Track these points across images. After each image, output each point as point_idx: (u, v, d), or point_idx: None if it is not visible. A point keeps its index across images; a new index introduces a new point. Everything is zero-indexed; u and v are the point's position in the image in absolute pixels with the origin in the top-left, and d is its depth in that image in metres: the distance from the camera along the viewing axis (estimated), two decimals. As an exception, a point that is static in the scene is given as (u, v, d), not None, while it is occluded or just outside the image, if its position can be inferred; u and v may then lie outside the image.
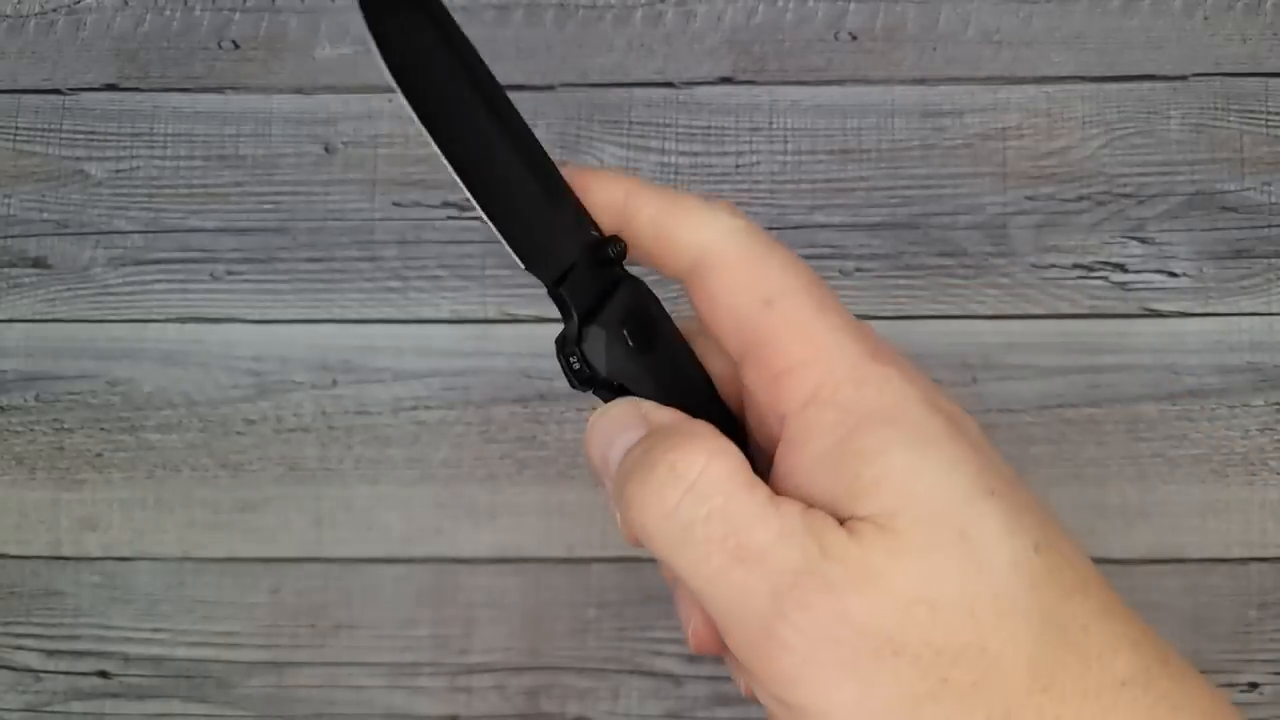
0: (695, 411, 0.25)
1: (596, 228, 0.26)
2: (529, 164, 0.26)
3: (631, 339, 0.25)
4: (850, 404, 0.22)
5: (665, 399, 0.25)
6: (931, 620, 0.20)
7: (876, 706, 0.20)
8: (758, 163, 0.47)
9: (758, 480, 0.22)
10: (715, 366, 0.27)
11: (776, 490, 0.22)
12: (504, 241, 0.26)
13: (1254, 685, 0.44)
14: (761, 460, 0.24)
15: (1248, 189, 0.46)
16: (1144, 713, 0.20)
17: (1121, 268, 0.46)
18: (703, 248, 0.24)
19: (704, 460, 0.22)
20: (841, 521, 0.21)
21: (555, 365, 0.47)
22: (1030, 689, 0.20)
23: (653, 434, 0.23)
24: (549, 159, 0.26)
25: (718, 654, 0.27)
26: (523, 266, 0.26)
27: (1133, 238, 0.46)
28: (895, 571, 0.20)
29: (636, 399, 0.24)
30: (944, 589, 0.20)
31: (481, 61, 0.26)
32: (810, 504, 0.22)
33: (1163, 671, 0.21)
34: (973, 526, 0.20)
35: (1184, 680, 0.21)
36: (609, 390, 0.25)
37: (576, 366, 0.25)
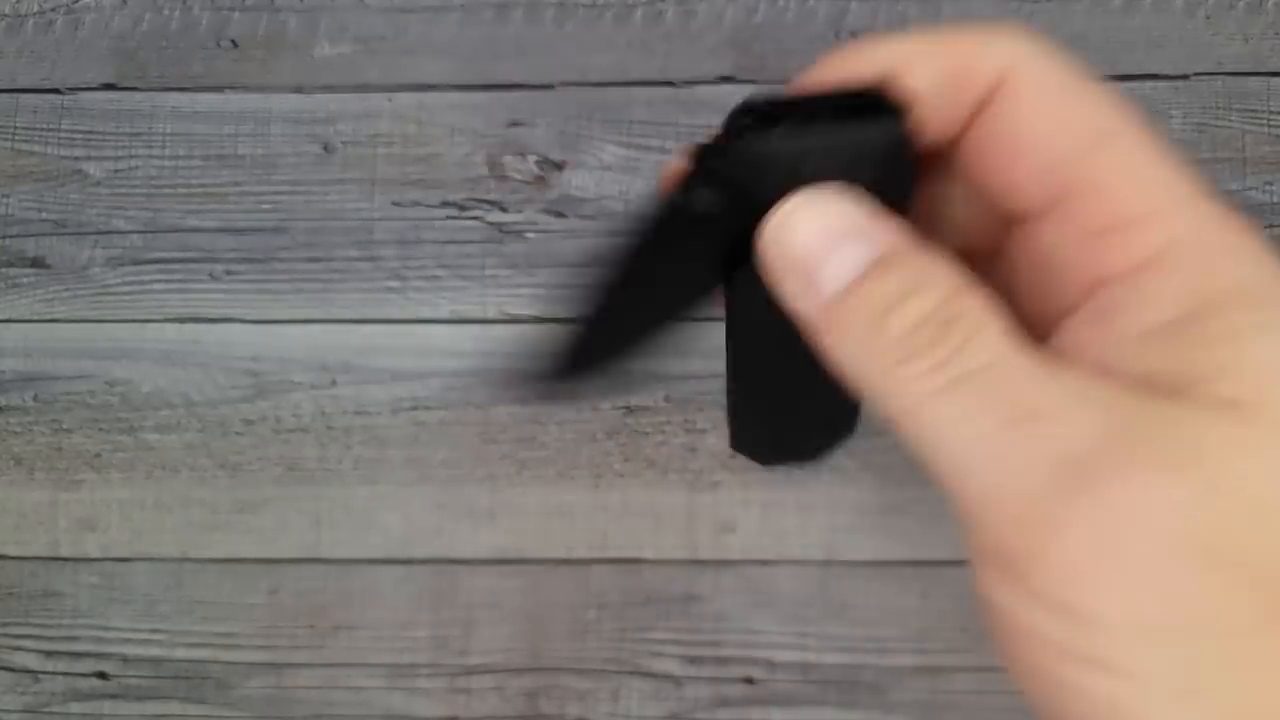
0: None
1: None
2: None
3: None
4: (1201, 274, 0.18)
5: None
6: (1277, 537, 0.16)
7: (1184, 628, 0.16)
8: (758, 162, 0.47)
9: (1030, 341, 0.18)
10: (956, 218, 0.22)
11: (1092, 363, 0.18)
12: None
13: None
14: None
15: (1250, 188, 0.46)
16: None
17: (1123, 268, 0.46)
18: (1004, 70, 0.19)
19: (978, 315, 0.18)
20: (1166, 399, 0.17)
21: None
22: None
23: (898, 262, 0.18)
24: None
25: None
26: None
27: (1134, 238, 0.46)
28: (1244, 467, 0.16)
29: (853, 193, 0.19)
30: None
31: None
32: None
33: None
34: None
35: None
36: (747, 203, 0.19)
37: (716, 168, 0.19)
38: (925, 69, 0.19)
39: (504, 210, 0.47)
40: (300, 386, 0.47)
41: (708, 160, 0.19)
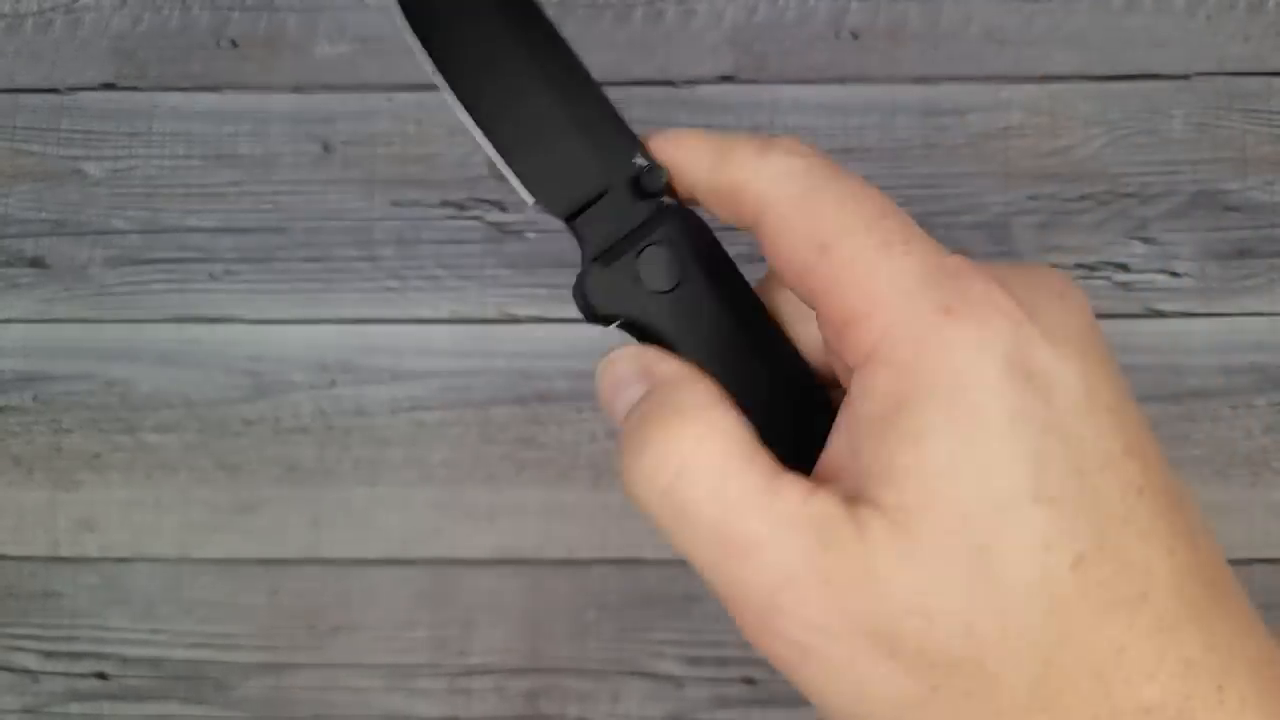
0: (730, 356, 0.23)
1: (645, 154, 0.24)
2: (553, 86, 0.24)
3: (651, 276, 0.23)
4: (907, 367, 0.19)
5: (690, 343, 0.23)
6: (927, 630, 0.19)
7: (870, 704, 0.19)
8: (758, 162, 0.47)
9: (758, 455, 0.20)
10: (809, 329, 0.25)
11: (831, 446, 0.21)
12: (508, 173, 0.24)
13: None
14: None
15: (1251, 188, 0.46)
16: None
17: (1124, 267, 0.46)
18: (758, 197, 0.22)
19: (695, 438, 0.20)
20: (854, 504, 0.20)
21: (555, 366, 0.47)
22: (1029, 707, 0.19)
23: (649, 399, 0.22)
24: (589, 85, 0.25)
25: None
26: (530, 202, 0.24)
27: (1135, 237, 0.46)
28: (897, 576, 0.19)
29: (642, 349, 0.23)
30: (944, 603, 0.19)
31: None
32: (848, 472, 0.20)
33: (1213, 699, 0.19)
34: (998, 539, 0.19)
35: (1240, 710, 0.19)
36: (632, 329, 0.24)
37: (580, 304, 0.23)
38: (702, 176, 0.23)
39: (503, 210, 0.47)
40: (300, 386, 0.47)
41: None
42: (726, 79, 0.47)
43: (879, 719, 0.19)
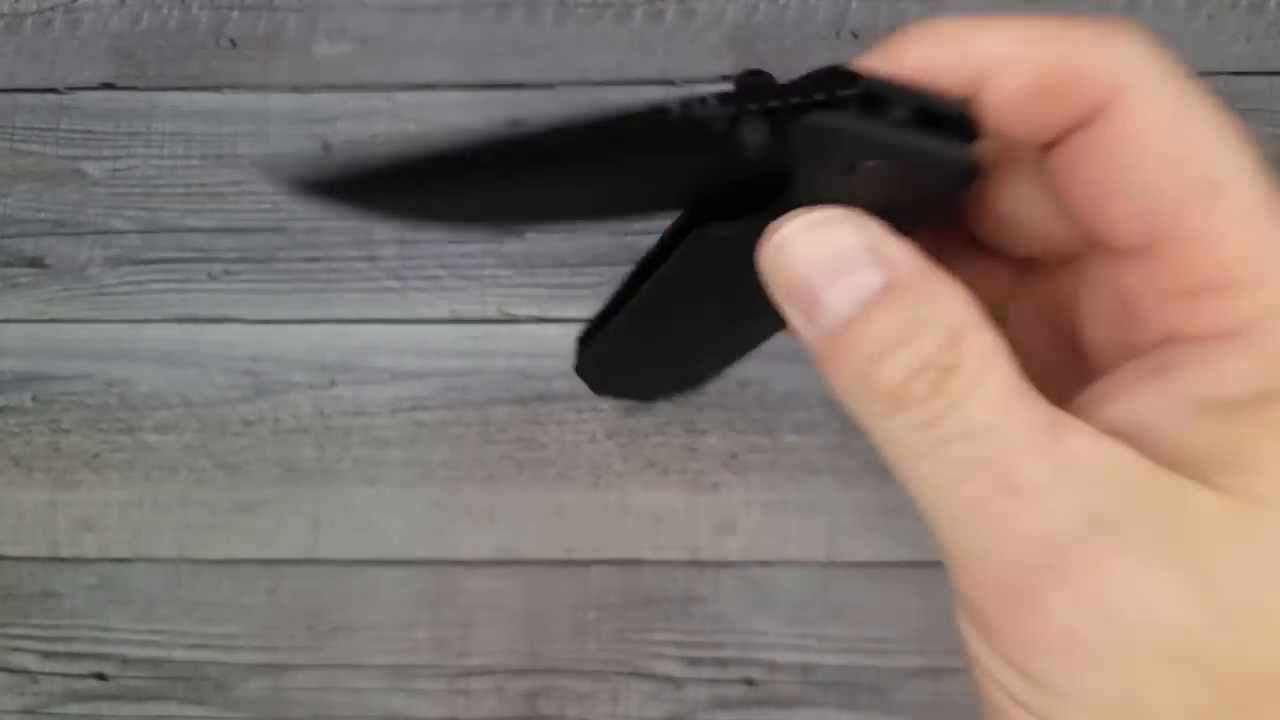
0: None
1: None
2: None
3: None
4: None
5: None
6: (1250, 636, 0.16)
7: (1143, 709, 0.16)
8: (759, 162, 0.47)
9: (1035, 392, 0.17)
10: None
11: (1127, 402, 0.17)
12: None
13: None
14: (1035, 363, 0.18)
15: (1252, 188, 0.46)
16: None
17: (1125, 268, 0.46)
18: (1114, 87, 0.17)
19: (978, 364, 0.16)
20: (1183, 475, 0.16)
21: (554, 365, 0.47)
22: None
23: (904, 296, 0.17)
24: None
25: None
26: None
27: (1136, 237, 0.46)
28: (1230, 564, 0.15)
29: (862, 217, 0.17)
30: (1276, 606, 0.16)
31: None
32: (1147, 437, 0.17)
33: None
34: None
35: None
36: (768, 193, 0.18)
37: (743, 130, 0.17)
38: (1024, 68, 0.17)
39: (503, 210, 0.47)
40: (299, 386, 0.47)
41: (776, 102, 0.17)
42: (726, 78, 0.47)
43: None
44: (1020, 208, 0.20)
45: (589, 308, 0.26)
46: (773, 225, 0.17)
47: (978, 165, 0.17)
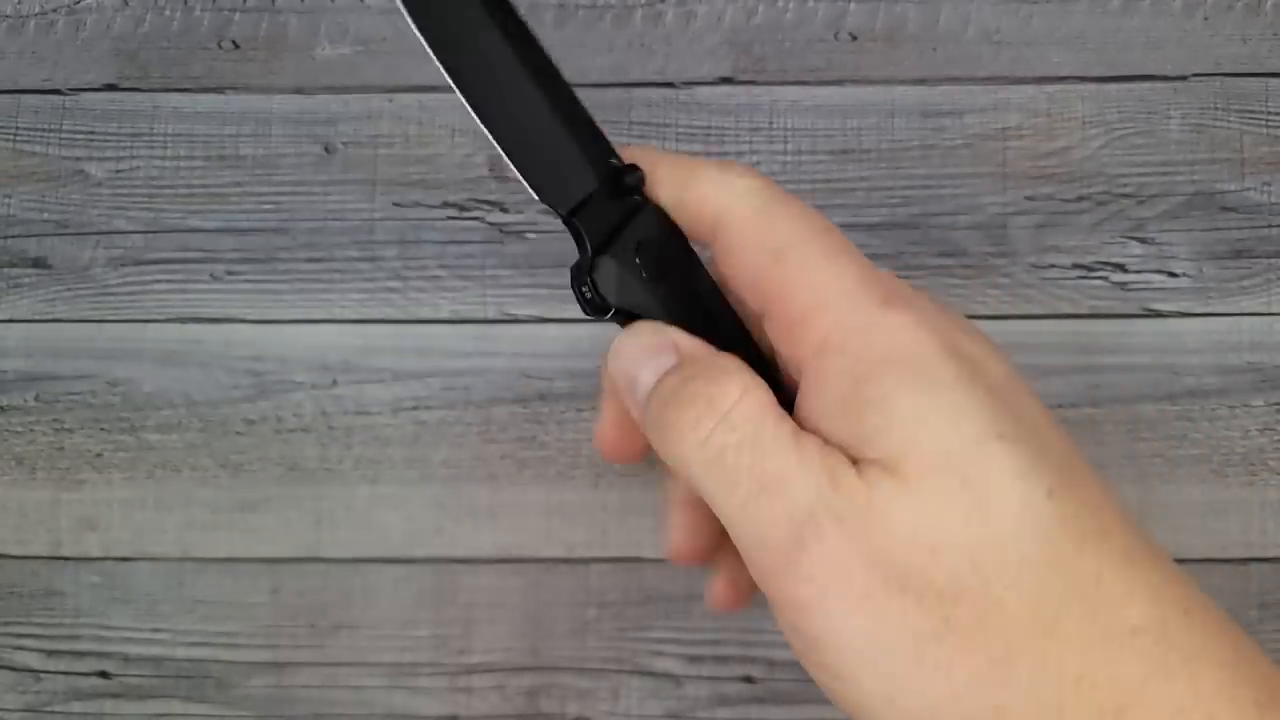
0: (716, 342, 0.25)
1: (617, 157, 0.27)
2: (546, 94, 0.27)
3: (645, 268, 0.25)
4: (859, 351, 0.22)
5: (685, 328, 0.25)
6: (933, 562, 0.20)
7: (884, 640, 0.21)
8: (758, 163, 0.47)
9: (785, 415, 0.23)
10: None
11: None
12: (517, 173, 0.27)
13: (1254, 685, 0.44)
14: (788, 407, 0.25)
15: (1248, 189, 0.46)
16: (1152, 662, 0.20)
17: (1121, 268, 0.46)
18: (718, 211, 0.25)
19: (738, 393, 0.23)
20: (854, 464, 0.22)
21: (555, 365, 0.47)
22: (1032, 632, 0.20)
23: (687, 364, 0.24)
24: (568, 89, 0.28)
25: (694, 563, 0.31)
26: (536, 198, 0.26)
27: (1132, 238, 0.46)
28: (899, 512, 0.21)
29: (662, 324, 0.25)
30: (945, 533, 0.21)
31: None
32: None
33: (1182, 622, 0.21)
34: (977, 471, 0.21)
35: (1205, 631, 0.21)
36: (627, 319, 0.26)
37: (589, 295, 0.26)
38: (670, 190, 0.26)
39: (505, 211, 0.47)
40: (301, 386, 0.47)
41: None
42: (725, 80, 0.48)
43: (896, 657, 0.20)
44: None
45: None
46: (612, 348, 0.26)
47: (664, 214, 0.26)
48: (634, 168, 0.26)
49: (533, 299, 0.47)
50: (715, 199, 0.25)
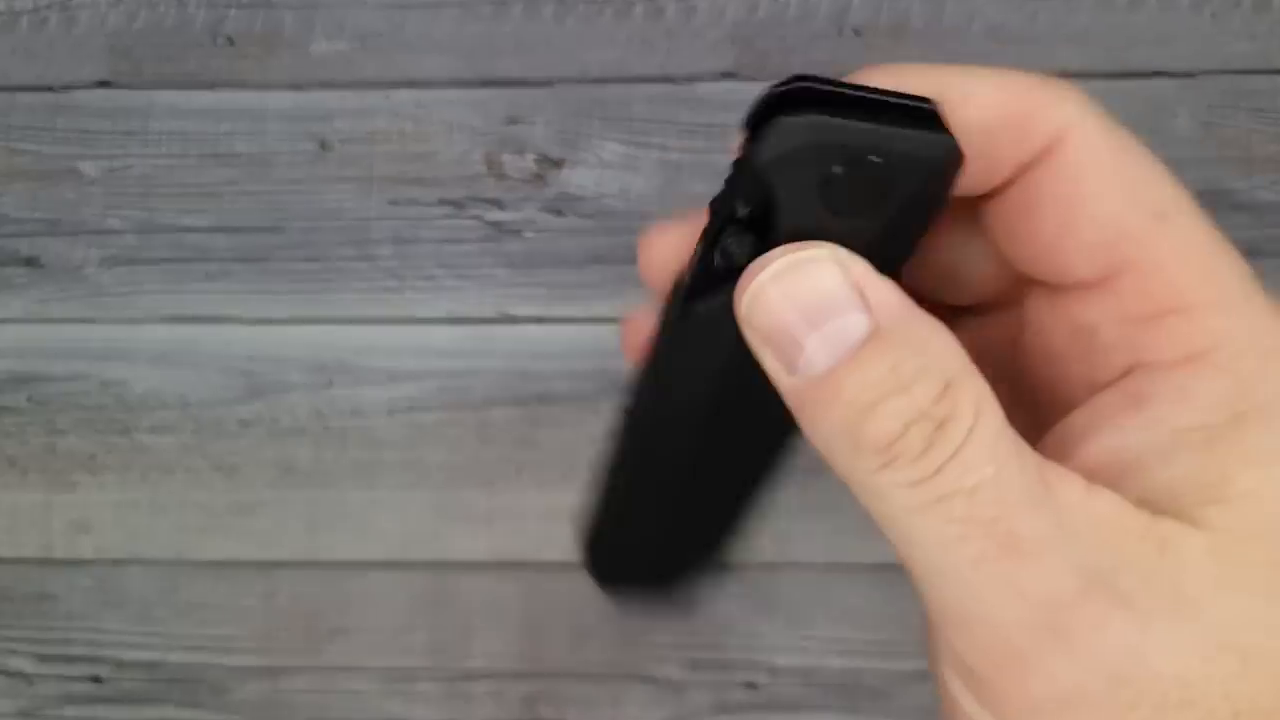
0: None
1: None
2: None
3: (833, 193, 0.16)
4: (1251, 380, 0.16)
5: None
6: (1240, 673, 0.16)
7: None
8: (760, 161, 0.47)
9: (1022, 441, 0.16)
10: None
11: (1097, 439, 0.17)
12: None
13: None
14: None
15: (1256, 188, 0.46)
16: None
17: (1129, 267, 0.46)
18: (1063, 129, 0.17)
19: (973, 416, 0.16)
20: (1165, 513, 0.16)
21: (553, 366, 0.47)
22: None
23: (891, 344, 0.16)
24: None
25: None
26: None
27: (1140, 237, 0.46)
28: (1214, 606, 0.16)
29: (845, 253, 0.16)
30: (1264, 640, 0.16)
31: None
32: (1127, 473, 0.17)
33: None
34: None
35: None
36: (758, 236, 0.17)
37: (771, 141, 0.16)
38: (984, 103, 0.18)
39: (502, 209, 0.47)
40: (296, 387, 0.47)
41: (735, 173, 0.17)
42: (728, 76, 0.47)
43: None
44: (955, 258, 0.20)
45: (589, 308, 0.26)
46: (750, 267, 0.16)
47: (960, 151, 0.16)
48: (924, 99, 0.17)
49: (531, 299, 0.46)
50: (1060, 112, 0.17)
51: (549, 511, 0.46)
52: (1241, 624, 0.16)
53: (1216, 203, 0.46)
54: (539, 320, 0.46)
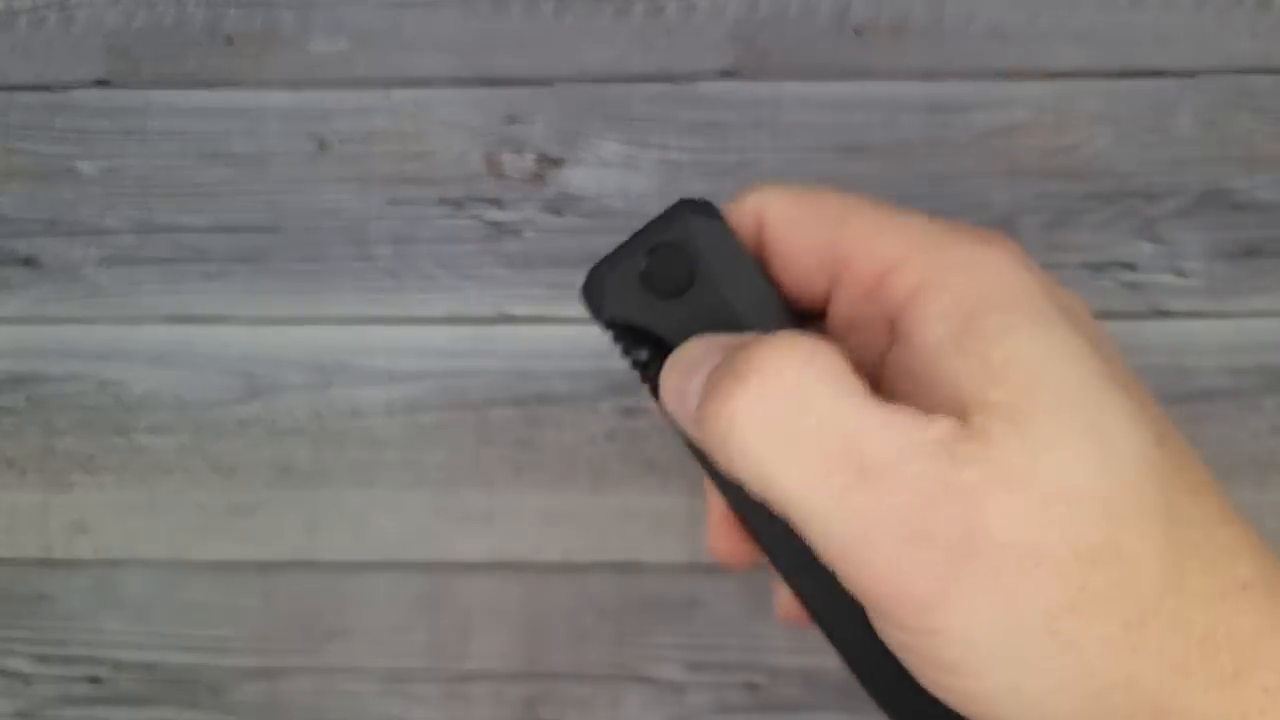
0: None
1: None
2: None
3: (657, 286, 0.23)
4: (963, 288, 0.20)
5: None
6: (1071, 519, 0.18)
7: (1016, 623, 0.18)
8: (761, 159, 0.47)
9: (862, 382, 0.20)
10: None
11: (894, 389, 0.21)
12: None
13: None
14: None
15: (1259, 187, 0.46)
16: (1265, 616, 0.19)
17: (1131, 267, 0.46)
18: (758, 210, 0.23)
19: (802, 357, 0.19)
20: (964, 418, 0.19)
21: (554, 367, 0.46)
22: (1162, 591, 0.18)
23: (738, 348, 0.20)
24: None
25: (748, 565, 0.28)
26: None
27: (1142, 237, 0.46)
28: (1032, 468, 0.18)
29: (712, 335, 0.22)
30: (1080, 483, 0.18)
31: None
32: (929, 404, 0.20)
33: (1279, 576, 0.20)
34: (1100, 416, 0.19)
35: None
36: (631, 335, 0.23)
37: (589, 302, 0.24)
38: (743, 213, 0.24)
39: (501, 208, 0.47)
40: (295, 387, 0.46)
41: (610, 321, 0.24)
42: (728, 74, 0.47)
43: (1025, 640, 0.18)
44: (797, 286, 0.25)
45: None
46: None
47: (697, 200, 0.23)
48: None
49: (531, 299, 0.46)
50: (751, 203, 0.23)
51: (549, 511, 0.45)
52: (1053, 474, 0.18)
53: (1219, 202, 0.46)
54: (539, 320, 0.46)
